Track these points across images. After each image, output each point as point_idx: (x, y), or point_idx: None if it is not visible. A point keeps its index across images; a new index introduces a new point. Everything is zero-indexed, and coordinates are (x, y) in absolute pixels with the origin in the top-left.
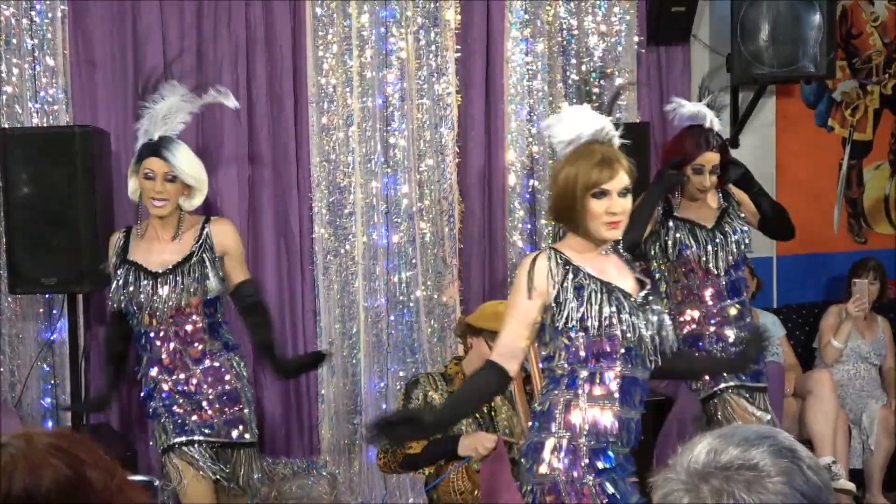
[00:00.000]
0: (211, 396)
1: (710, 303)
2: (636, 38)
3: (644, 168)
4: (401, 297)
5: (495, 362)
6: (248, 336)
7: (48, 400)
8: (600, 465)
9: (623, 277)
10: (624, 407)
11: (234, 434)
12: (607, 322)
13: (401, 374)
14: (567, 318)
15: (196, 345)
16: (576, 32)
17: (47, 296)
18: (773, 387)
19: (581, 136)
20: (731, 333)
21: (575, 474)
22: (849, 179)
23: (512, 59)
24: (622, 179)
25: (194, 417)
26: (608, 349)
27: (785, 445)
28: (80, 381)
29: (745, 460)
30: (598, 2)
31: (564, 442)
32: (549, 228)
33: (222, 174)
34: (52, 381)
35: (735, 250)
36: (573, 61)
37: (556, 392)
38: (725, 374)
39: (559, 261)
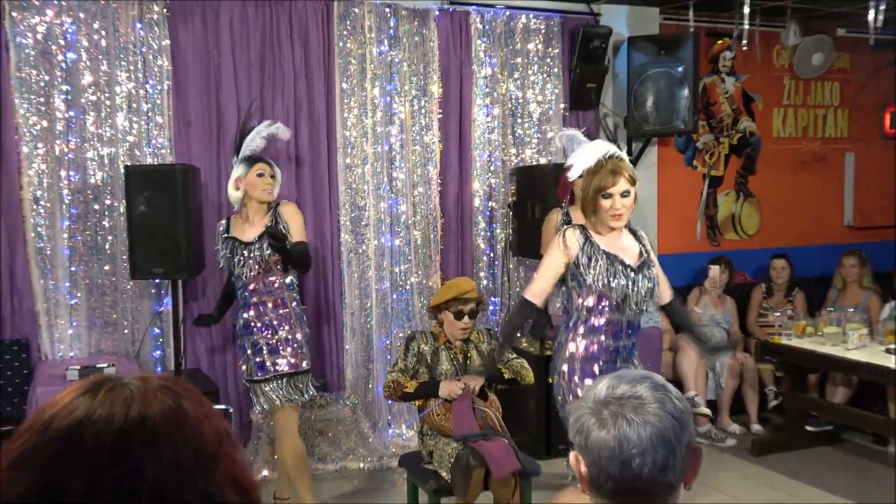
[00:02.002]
0: (283, 337)
1: None
2: (562, 105)
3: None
4: (400, 282)
5: (529, 300)
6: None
7: (157, 353)
8: (588, 380)
9: (627, 250)
10: (608, 340)
11: (304, 365)
12: (604, 282)
13: (400, 335)
14: (579, 275)
15: (275, 297)
16: (521, 101)
17: (157, 281)
18: (655, 344)
19: (595, 157)
20: None
21: (572, 384)
22: (708, 203)
23: (477, 119)
24: (623, 185)
25: (272, 356)
26: (603, 301)
27: (659, 383)
28: (180, 339)
29: (633, 393)
30: (535, 80)
31: (566, 364)
32: (503, 235)
33: (279, 198)
34: (160, 340)
35: None
36: (518, 121)
37: (564, 329)
38: None
39: (582, 234)
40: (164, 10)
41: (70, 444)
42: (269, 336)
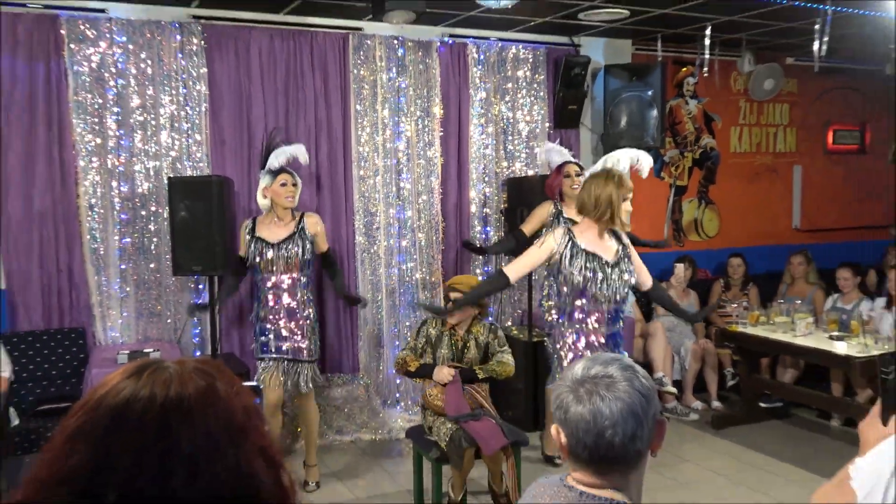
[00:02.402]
0: (292, 328)
1: None
2: (547, 124)
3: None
4: (406, 278)
5: (504, 272)
6: (328, 277)
7: (196, 339)
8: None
9: (607, 249)
10: (594, 326)
11: (303, 354)
12: (582, 278)
13: (406, 323)
14: (566, 269)
15: (290, 292)
16: (511, 121)
17: (195, 277)
18: (627, 331)
19: (618, 163)
20: None
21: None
22: (674, 208)
23: (473, 136)
24: (630, 192)
25: (277, 341)
26: (582, 294)
27: (628, 364)
28: (215, 327)
29: (605, 373)
30: (524, 102)
31: (559, 350)
32: (496, 237)
33: (301, 205)
34: (199, 328)
35: None
36: (509, 138)
37: (558, 321)
38: None
39: (568, 233)
40: (202, 42)
41: (118, 420)
42: (282, 324)
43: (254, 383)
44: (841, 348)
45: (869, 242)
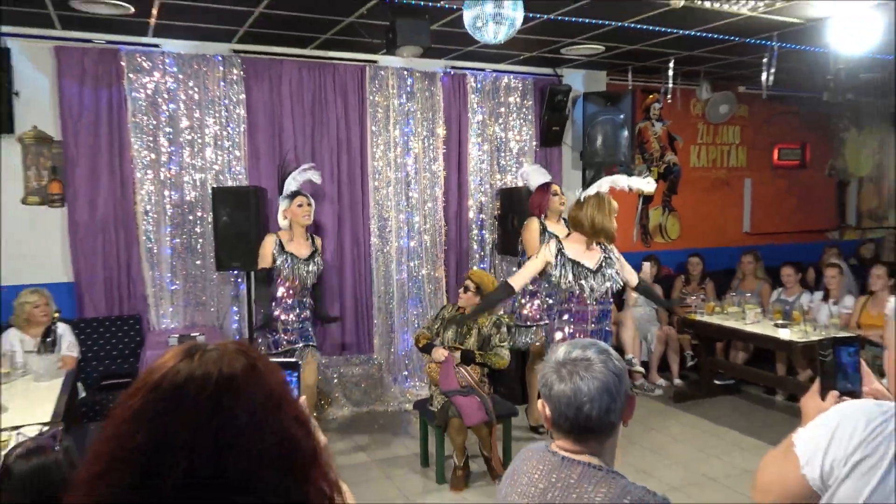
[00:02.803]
0: (301, 323)
1: None
2: (534, 143)
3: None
4: (414, 274)
5: (509, 283)
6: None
7: (235, 325)
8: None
9: (591, 257)
10: (579, 325)
11: (311, 340)
12: (570, 283)
13: (414, 313)
14: (553, 276)
15: (302, 300)
16: (503, 140)
17: (235, 272)
18: None
19: (602, 186)
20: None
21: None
22: (641, 215)
23: (471, 153)
24: (615, 211)
25: (288, 336)
26: (571, 297)
27: (603, 348)
28: (252, 314)
29: (584, 356)
30: (514, 124)
31: (552, 344)
32: (490, 239)
33: (325, 211)
34: (237, 316)
35: None
36: (502, 154)
37: (549, 318)
38: None
39: (557, 245)
40: (241, 72)
41: (177, 400)
42: (292, 323)
43: (293, 360)
44: (784, 334)
45: (808, 244)
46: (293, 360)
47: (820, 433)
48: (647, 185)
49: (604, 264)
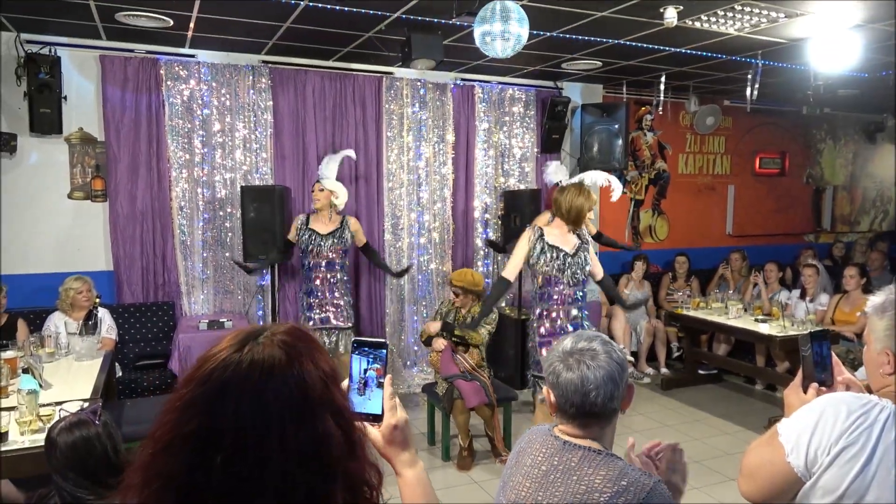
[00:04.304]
0: (334, 301)
1: None
2: (536, 150)
3: (537, 211)
4: (423, 268)
5: (504, 277)
6: (373, 264)
7: (259, 312)
8: (543, 328)
9: (569, 243)
10: (561, 306)
11: (340, 324)
12: (549, 267)
13: (423, 303)
14: (535, 261)
15: (333, 275)
16: (508, 146)
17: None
18: (596, 312)
19: (584, 179)
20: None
21: (538, 339)
22: (633, 217)
23: (478, 158)
24: (593, 202)
25: (321, 313)
26: (552, 280)
27: (607, 340)
28: (275, 303)
29: (589, 347)
30: (517, 132)
31: (536, 324)
32: (494, 237)
33: (346, 211)
34: (262, 304)
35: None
36: (506, 158)
37: (532, 298)
38: None
39: (537, 232)
40: (269, 81)
41: (225, 391)
42: (325, 299)
43: (381, 339)
44: (764, 329)
45: (786, 246)
46: (381, 339)
47: (804, 423)
48: (618, 189)
49: (580, 249)
